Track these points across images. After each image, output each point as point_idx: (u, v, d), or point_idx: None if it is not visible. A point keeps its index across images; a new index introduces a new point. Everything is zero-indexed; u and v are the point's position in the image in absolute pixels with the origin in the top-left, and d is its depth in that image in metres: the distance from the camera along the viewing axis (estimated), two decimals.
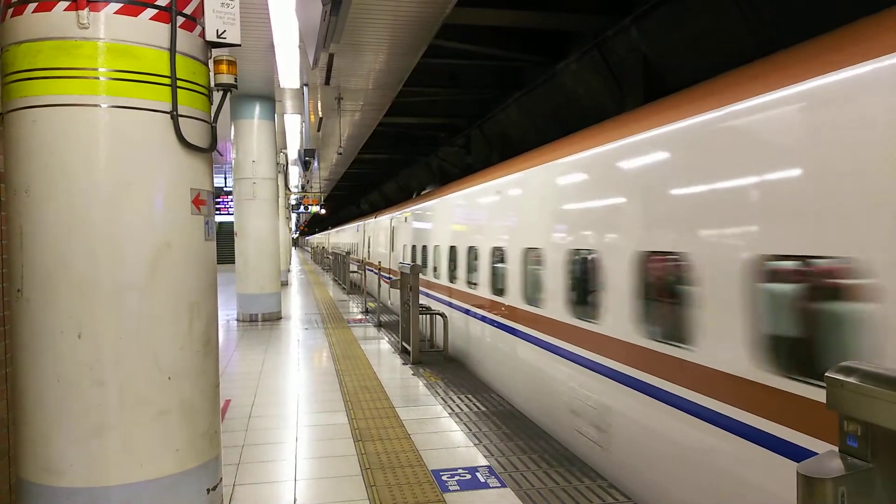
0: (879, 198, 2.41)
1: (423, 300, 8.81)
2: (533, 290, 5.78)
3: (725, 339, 3.18)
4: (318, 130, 14.13)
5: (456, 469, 4.22)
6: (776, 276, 3.00)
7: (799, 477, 1.49)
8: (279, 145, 15.35)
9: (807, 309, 2.97)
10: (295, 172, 21.50)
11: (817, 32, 3.05)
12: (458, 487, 3.92)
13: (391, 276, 13.01)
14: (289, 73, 8.94)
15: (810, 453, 2.61)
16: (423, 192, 13.10)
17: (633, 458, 4.01)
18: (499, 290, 6.67)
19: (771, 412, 2.89)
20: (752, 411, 3.00)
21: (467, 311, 7.87)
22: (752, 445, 2.99)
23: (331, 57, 8.85)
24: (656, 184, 3.85)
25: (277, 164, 13.56)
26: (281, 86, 9.71)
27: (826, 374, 1.57)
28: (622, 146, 4.29)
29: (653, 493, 3.81)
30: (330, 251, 29.99)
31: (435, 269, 9.82)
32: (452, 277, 8.69)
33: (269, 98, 11.67)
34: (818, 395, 2.59)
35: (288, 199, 25.56)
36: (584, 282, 4.84)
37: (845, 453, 1.50)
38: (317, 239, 42.87)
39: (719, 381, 3.23)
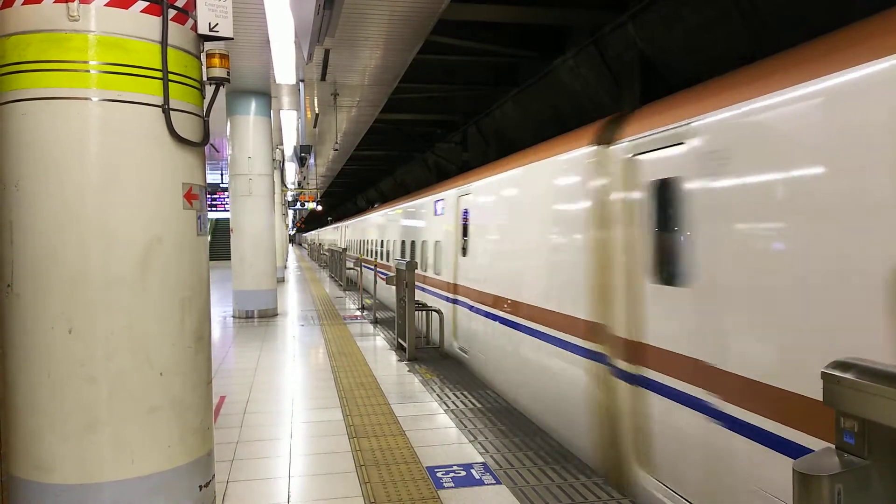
0: None
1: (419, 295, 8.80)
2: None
3: None
4: (315, 127, 14.09)
5: (451, 466, 4.21)
6: None
7: (795, 474, 1.47)
8: (275, 141, 15.29)
9: None
10: (291, 169, 21.44)
11: (815, 27, 3.03)
12: (452, 484, 3.90)
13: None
14: (284, 68, 8.89)
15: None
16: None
17: None
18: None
19: None
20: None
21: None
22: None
23: (326, 52, 8.81)
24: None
25: (273, 160, 13.50)
26: (277, 82, 9.66)
27: (823, 370, 1.54)
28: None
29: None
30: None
31: None
32: None
33: (265, 94, 11.61)
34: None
35: (284, 195, 25.48)
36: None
37: (842, 450, 1.49)
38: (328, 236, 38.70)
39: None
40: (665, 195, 3.62)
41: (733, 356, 2.95)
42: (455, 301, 8.10)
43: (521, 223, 5.77)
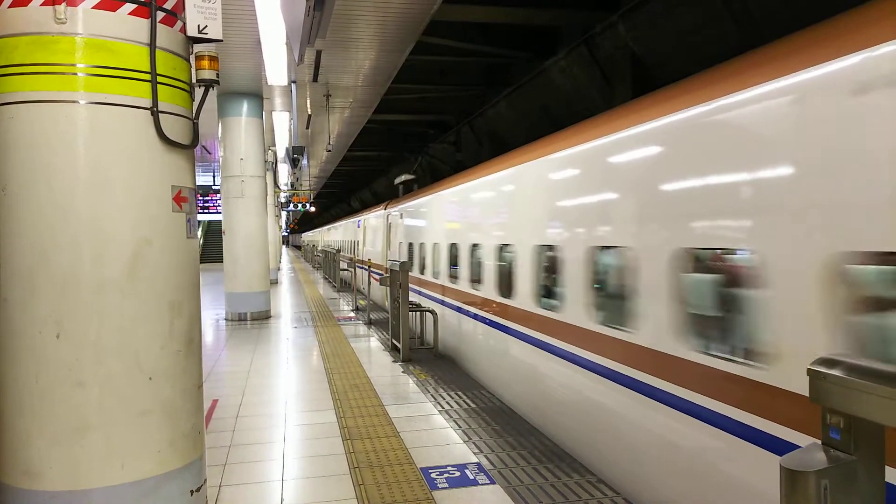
0: None
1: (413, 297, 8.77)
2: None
3: None
4: (307, 128, 14.06)
5: (445, 466, 4.21)
6: None
7: (782, 470, 1.48)
8: (267, 143, 15.25)
9: None
10: (284, 170, 21.39)
11: (804, 26, 3.04)
12: (447, 485, 3.90)
13: None
14: (276, 70, 8.87)
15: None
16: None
17: None
18: None
19: None
20: None
21: None
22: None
23: (318, 53, 8.79)
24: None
25: (266, 161, 13.47)
26: (268, 83, 9.64)
27: (809, 366, 1.55)
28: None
29: None
30: None
31: None
32: None
33: (257, 95, 11.58)
34: None
35: (277, 196, 25.41)
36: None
37: (828, 446, 1.50)
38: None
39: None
40: None
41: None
42: None
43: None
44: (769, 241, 2.77)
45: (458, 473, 4.09)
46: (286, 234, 69.72)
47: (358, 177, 29.66)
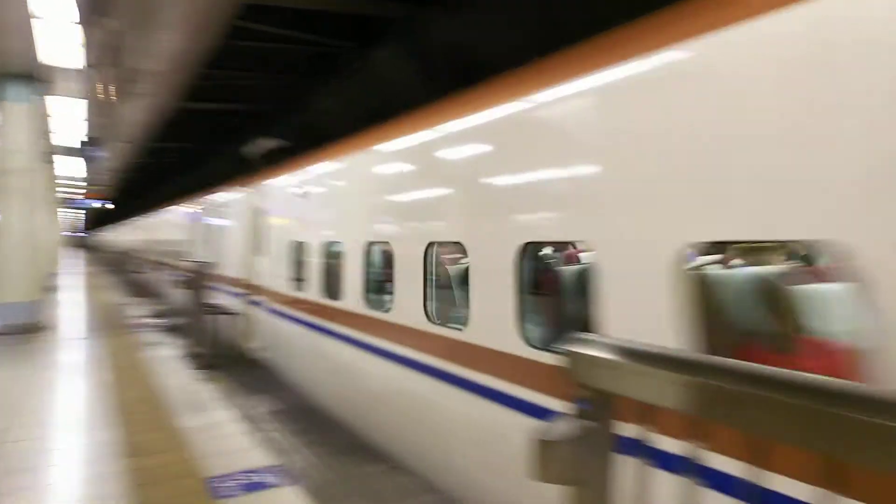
0: None
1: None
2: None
3: None
4: (103, 116, 12.54)
5: (234, 473, 4.03)
6: None
7: (533, 441, 1.60)
8: (50, 132, 13.31)
9: None
10: (72, 163, 18.81)
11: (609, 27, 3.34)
12: (238, 492, 3.75)
13: None
14: (56, 49, 7.80)
15: None
16: None
17: None
18: None
19: None
20: None
21: None
22: None
23: (115, 34, 7.92)
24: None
25: (46, 153, 11.74)
26: (42, 62, 8.42)
27: (565, 346, 1.70)
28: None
29: None
30: None
31: None
32: None
33: (34, 77, 10.05)
34: None
35: (57, 192, 22.21)
36: None
37: (577, 417, 1.65)
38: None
39: None
40: None
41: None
42: None
43: None
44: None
45: (251, 479, 3.95)
46: (83, 234, 61.13)
47: (165, 170, 27.10)
